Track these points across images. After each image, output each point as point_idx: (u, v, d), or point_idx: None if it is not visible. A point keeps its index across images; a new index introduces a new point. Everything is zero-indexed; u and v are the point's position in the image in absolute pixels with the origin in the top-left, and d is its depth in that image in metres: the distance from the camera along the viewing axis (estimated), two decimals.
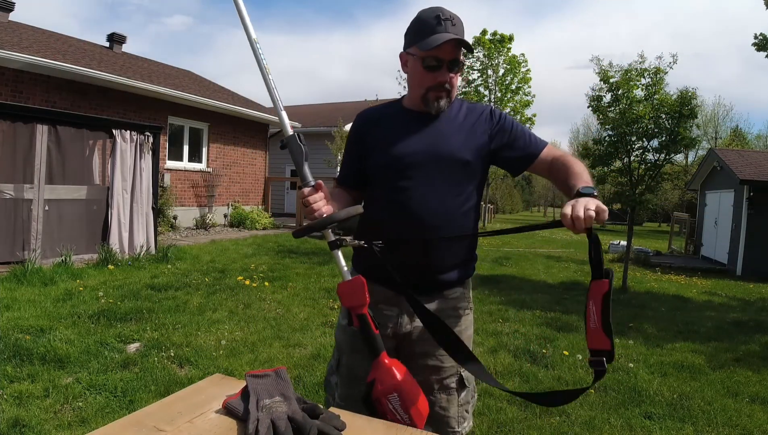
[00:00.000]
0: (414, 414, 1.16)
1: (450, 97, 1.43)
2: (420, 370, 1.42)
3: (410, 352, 1.45)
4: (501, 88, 17.72)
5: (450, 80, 1.39)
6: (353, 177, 1.55)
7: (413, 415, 1.16)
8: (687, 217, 17.24)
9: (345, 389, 1.48)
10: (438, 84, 1.38)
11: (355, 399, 1.43)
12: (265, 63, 1.32)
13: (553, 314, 5.53)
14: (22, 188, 5.97)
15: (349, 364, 1.49)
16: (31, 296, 4.67)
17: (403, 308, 1.44)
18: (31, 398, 2.69)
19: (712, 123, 35.83)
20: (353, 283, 1.23)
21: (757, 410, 3.20)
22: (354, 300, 1.22)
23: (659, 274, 10.17)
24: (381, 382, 1.19)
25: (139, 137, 7.17)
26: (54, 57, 8.57)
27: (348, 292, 1.23)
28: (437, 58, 1.36)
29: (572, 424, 2.83)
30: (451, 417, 1.44)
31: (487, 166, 1.48)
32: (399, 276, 1.34)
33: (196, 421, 0.93)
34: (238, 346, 3.79)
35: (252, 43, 1.32)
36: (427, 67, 1.37)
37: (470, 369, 1.39)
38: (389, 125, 1.47)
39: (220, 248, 8.47)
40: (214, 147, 12.34)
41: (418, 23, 1.38)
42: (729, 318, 6.11)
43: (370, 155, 1.48)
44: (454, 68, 1.39)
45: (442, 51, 1.34)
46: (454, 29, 1.35)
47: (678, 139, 7.42)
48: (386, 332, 1.43)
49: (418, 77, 1.40)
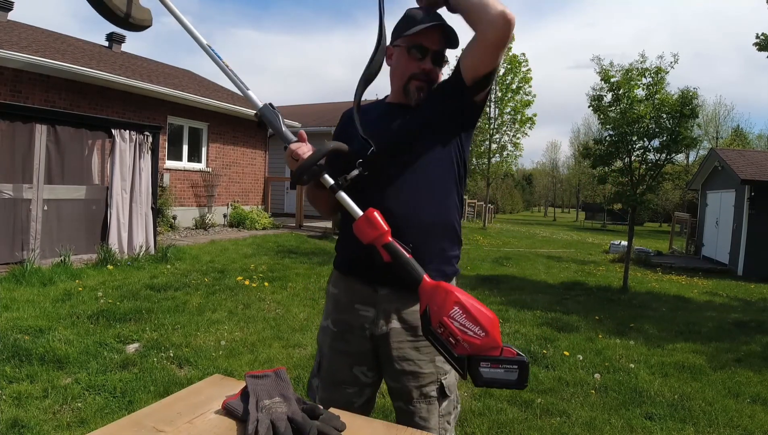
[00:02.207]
0: (485, 322, 1.07)
1: (430, 90, 1.42)
2: (397, 376, 1.38)
3: (387, 356, 1.39)
4: (501, 88, 17.74)
5: (433, 70, 1.39)
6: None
7: (485, 324, 1.07)
8: (688, 217, 17.24)
9: (325, 393, 1.44)
10: (422, 71, 1.38)
11: (335, 404, 1.34)
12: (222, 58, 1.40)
13: (553, 314, 5.53)
14: (21, 188, 5.96)
15: (329, 367, 1.46)
16: (30, 296, 4.66)
17: (379, 309, 1.39)
18: (30, 399, 2.68)
19: (713, 123, 35.89)
20: (366, 217, 1.20)
21: (758, 411, 3.20)
22: (373, 232, 1.19)
23: (660, 274, 10.17)
24: (434, 303, 1.11)
25: (139, 137, 7.16)
26: (53, 56, 8.56)
27: (364, 226, 1.20)
28: (422, 47, 1.36)
29: (573, 425, 2.82)
30: (431, 428, 1.36)
31: (455, 129, 1.40)
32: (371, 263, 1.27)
33: (195, 421, 0.92)
34: (237, 346, 3.78)
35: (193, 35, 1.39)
36: (411, 55, 1.38)
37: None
38: (370, 119, 1.46)
39: (219, 248, 8.46)
40: (213, 147, 12.33)
41: (406, 18, 1.40)
42: (730, 318, 6.10)
43: (352, 146, 1.46)
44: (439, 61, 1.40)
45: (428, 39, 1.35)
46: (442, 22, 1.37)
47: (679, 139, 7.41)
48: (364, 334, 1.40)
49: (402, 66, 1.40)
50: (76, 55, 9.86)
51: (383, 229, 1.18)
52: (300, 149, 1.28)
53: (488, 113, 18.40)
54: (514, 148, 19.42)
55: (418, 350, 1.36)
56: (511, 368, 1.08)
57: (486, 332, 1.07)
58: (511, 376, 1.08)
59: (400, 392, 1.39)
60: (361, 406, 1.43)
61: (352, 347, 1.41)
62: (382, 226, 1.19)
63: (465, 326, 1.08)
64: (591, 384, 3.46)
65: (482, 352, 1.08)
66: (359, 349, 1.41)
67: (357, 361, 1.42)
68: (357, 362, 1.42)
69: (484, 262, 9.47)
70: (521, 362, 1.08)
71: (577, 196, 48.21)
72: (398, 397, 1.41)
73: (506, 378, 1.08)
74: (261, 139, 13.93)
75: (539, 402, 3.08)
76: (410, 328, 1.37)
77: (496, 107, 18.63)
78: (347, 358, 1.42)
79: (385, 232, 1.19)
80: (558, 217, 48.85)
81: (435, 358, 1.37)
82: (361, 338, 1.40)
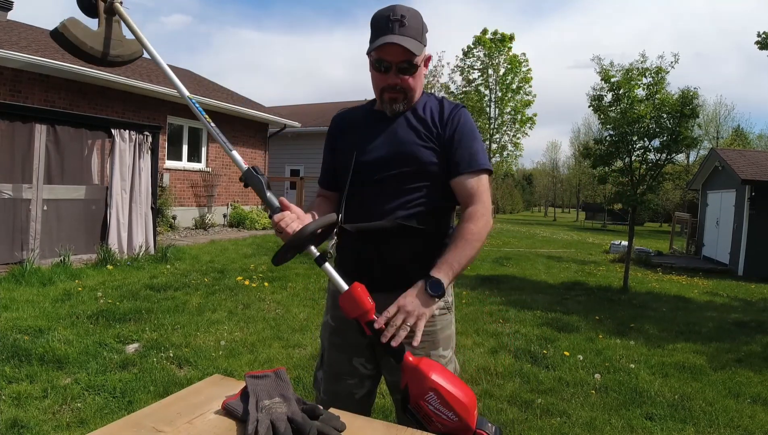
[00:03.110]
0: (459, 408, 1.08)
1: (409, 98, 1.41)
2: (393, 370, 1.42)
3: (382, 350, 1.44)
4: (501, 88, 17.74)
5: (402, 81, 1.37)
6: (329, 179, 1.57)
7: (458, 410, 1.08)
8: (688, 217, 17.22)
9: (328, 385, 1.51)
10: (388, 85, 1.37)
11: (338, 395, 1.47)
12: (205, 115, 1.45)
13: (553, 315, 5.52)
14: (21, 188, 5.96)
15: (330, 360, 1.52)
16: (29, 296, 4.65)
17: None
18: (29, 399, 2.68)
19: (714, 122, 35.86)
20: (351, 293, 1.19)
21: (758, 411, 3.19)
22: (357, 309, 1.19)
23: (660, 274, 10.16)
24: (413, 384, 1.14)
25: (138, 137, 7.16)
26: (53, 56, 8.55)
27: (349, 303, 1.20)
28: (384, 61, 1.35)
29: (573, 425, 2.82)
30: None
31: (445, 161, 1.41)
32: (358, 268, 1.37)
33: (195, 421, 0.92)
34: (237, 346, 3.78)
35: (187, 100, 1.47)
36: (377, 69, 1.38)
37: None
38: (355, 128, 1.49)
39: (219, 248, 8.46)
40: (213, 146, 12.33)
41: (372, 24, 1.37)
42: (730, 318, 6.09)
43: (338, 158, 1.51)
44: (406, 71, 1.36)
45: (388, 54, 1.33)
46: (403, 30, 1.32)
47: (679, 139, 7.40)
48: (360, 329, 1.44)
49: (374, 79, 1.41)
50: None
51: (368, 307, 1.18)
52: (283, 221, 1.27)
53: (488, 113, 18.40)
54: (515, 148, 19.40)
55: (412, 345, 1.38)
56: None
57: (459, 418, 1.09)
58: None
59: (396, 385, 1.43)
60: (362, 397, 1.49)
61: (350, 341, 1.45)
62: (367, 304, 1.18)
63: (439, 410, 1.10)
64: (591, 384, 3.46)
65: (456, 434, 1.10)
66: (356, 342, 1.44)
67: (355, 353, 1.46)
68: (356, 354, 1.46)
69: (484, 262, 9.46)
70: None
71: (577, 196, 48.19)
72: (396, 390, 1.45)
73: None
74: (261, 139, 13.93)
75: (539, 402, 3.07)
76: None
77: (497, 107, 18.64)
78: (346, 351, 1.47)
79: (368, 310, 1.18)
80: (558, 217, 48.83)
81: (430, 353, 1.41)
82: (357, 333, 1.42)
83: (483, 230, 1.31)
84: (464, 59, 18.33)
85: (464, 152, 1.37)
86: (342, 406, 1.48)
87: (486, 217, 1.33)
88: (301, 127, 15.43)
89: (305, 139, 17.02)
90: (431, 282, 1.23)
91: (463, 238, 1.29)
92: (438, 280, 1.23)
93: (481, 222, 1.32)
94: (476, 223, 1.31)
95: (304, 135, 16.80)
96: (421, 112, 1.43)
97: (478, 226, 1.31)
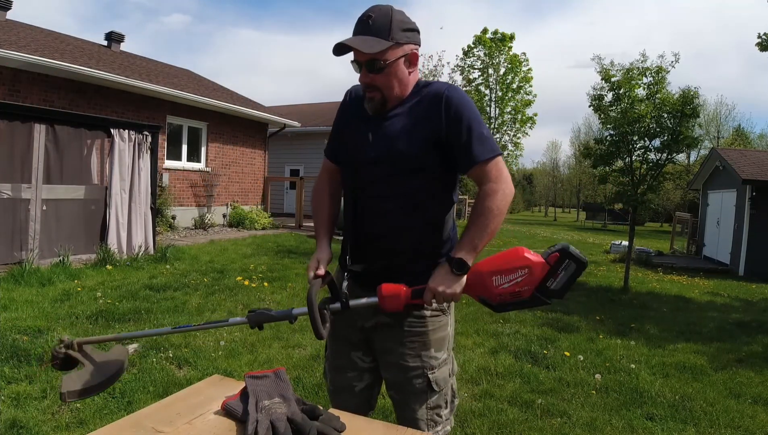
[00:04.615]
0: (517, 264, 1.24)
1: (387, 97, 1.39)
2: (387, 366, 1.49)
3: (376, 348, 1.51)
4: (502, 87, 17.73)
5: (373, 80, 1.37)
6: (334, 149, 1.59)
7: (519, 265, 1.24)
8: (689, 217, 17.22)
9: (332, 375, 1.59)
10: (363, 84, 1.41)
11: (340, 387, 1.56)
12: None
13: (554, 315, 5.52)
14: (20, 188, 5.95)
15: (331, 353, 1.59)
16: (28, 297, 4.65)
17: None
18: (28, 399, 2.68)
19: (714, 122, 35.88)
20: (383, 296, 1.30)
21: (759, 411, 3.19)
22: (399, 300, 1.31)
23: (661, 274, 10.16)
24: (479, 290, 1.30)
25: (138, 137, 7.15)
26: (52, 56, 8.54)
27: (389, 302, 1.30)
28: (355, 61, 1.38)
29: (573, 426, 2.82)
30: (419, 419, 1.44)
31: (444, 153, 1.40)
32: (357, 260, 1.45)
33: (195, 422, 0.91)
34: (237, 346, 3.77)
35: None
36: (355, 70, 1.41)
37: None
38: (356, 116, 1.49)
39: (218, 248, 8.45)
40: (212, 146, 12.32)
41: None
42: (731, 319, 6.09)
43: (339, 139, 1.55)
44: (373, 68, 1.35)
45: (356, 54, 1.37)
46: (367, 29, 1.33)
47: (680, 139, 7.40)
48: (355, 325, 1.50)
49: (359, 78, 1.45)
50: (75, 54, 9.84)
51: (402, 293, 1.30)
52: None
53: (489, 113, 18.39)
54: (515, 147, 19.37)
55: (404, 344, 1.44)
56: (566, 265, 1.24)
57: (525, 268, 1.23)
58: (572, 267, 1.25)
59: (392, 382, 1.50)
60: (362, 390, 1.54)
61: (347, 336, 1.53)
62: (400, 292, 1.30)
63: (511, 280, 1.24)
64: (592, 384, 3.46)
65: (539, 280, 1.24)
66: (353, 337, 1.52)
67: (353, 347, 1.53)
68: (353, 348, 1.53)
69: None
70: (563, 253, 1.24)
71: (577, 196, 48.19)
72: (390, 386, 1.51)
73: (572, 272, 1.25)
74: (260, 139, 13.92)
75: (540, 402, 3.07)
76: (397, 322, 1.44)
77: (497, 107, 18.63)
78: (344, 345, 1.55)
79: (403, 293, 1.30)
80: (559, 217, 48.81)
81: (421, 353, 1.44)
82: (353, 329, 1.52)
83: (500, 203, 1.34)
84: (464, 59, 18.31)
85: (474, 141, 1.36)
86: (345, 397, 1.55)
87: (500, 191, 1.35)
88: (301, 126, 15.42)
89: (305, 139, 17.00)
90: (456, 262, 1.30)
91: (481, 215, 1.34)
92: (460, 260, 1.30)
93: (497, 196, 1.34)
94: (491, 199, 1.34)
95: (303, 135, 16.78)
96: (415, 105, 1.41)
97: (494, 201, 1.34)
